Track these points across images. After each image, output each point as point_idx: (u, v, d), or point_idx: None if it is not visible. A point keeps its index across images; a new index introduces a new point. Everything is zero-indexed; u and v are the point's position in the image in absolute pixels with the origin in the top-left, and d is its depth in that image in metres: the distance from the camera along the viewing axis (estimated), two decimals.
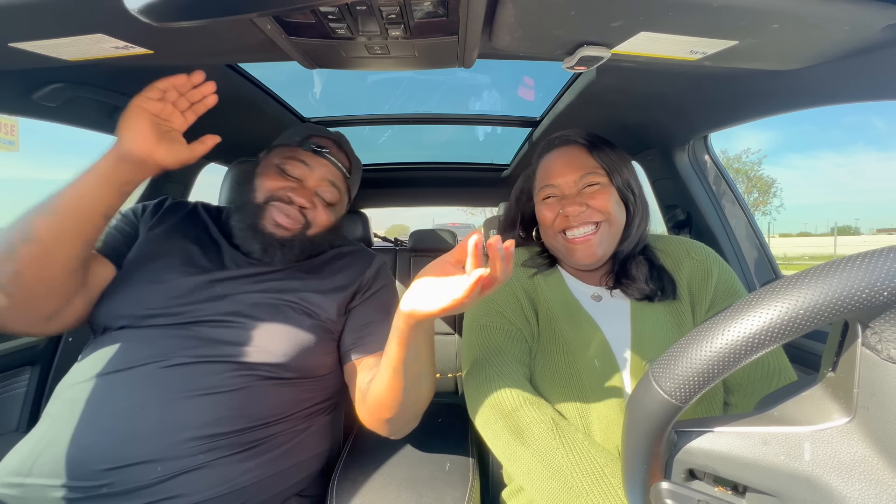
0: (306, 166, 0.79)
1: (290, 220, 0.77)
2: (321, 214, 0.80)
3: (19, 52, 0.60)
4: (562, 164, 0.75)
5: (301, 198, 0.77)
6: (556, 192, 0.74)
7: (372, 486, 0.68)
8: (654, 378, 0.32)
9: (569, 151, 0.75)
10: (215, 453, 0.60)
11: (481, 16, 0.55)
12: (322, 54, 0.66)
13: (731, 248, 1.26)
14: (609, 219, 0.70)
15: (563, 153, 0.76)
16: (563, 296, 0.74)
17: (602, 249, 0.71)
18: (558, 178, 0.74)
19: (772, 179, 29.82)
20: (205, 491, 0.58)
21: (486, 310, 0.73)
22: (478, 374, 0.67)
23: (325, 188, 0.81)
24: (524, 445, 0.58)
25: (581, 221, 0.70)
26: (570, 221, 0.71)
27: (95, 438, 0.57)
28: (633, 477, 0.37)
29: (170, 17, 0.37)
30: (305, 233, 0.79)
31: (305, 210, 0.78)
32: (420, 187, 2.36)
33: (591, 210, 0.70)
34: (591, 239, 0.70)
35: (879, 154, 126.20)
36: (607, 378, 0.64)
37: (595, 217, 0.70)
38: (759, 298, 0.28)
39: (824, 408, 0.31)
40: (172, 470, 0.57)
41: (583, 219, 0.70)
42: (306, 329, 0.72)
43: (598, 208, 0.70)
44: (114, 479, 0.55)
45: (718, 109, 0.99)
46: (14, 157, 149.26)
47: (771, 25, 0.54)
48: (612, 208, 0.71)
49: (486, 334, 0.70)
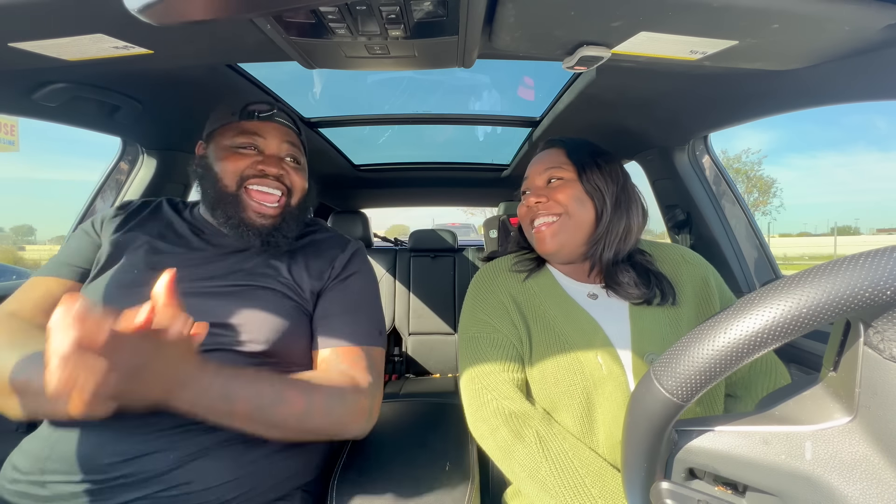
0: (259, 136, 0.76)
1: (273, 195, 0.75)
2: (295, 178, 0.78)
3: (19, 52, 0.60)
4: (537, 163, 0.80)
5: (272, 167, 0.74)
6: (529, 186, 0.79)
7: (372, 485, 0.68)
8: (656, 376, 0.32)
9: (548, 153, 0.80)
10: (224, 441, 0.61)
11: (481, 16, 0.55)
12: (322, 54, 0.66)
13: (731, 248, 1.26)
14: (567, 211, 0.73)
15: (543, 154, 0.81)
16: (558, 295, 0.74)
17: (559, 240, 0.73)
18: (532, 174, 0.79)
19: (772, 179, 29.85)
20: (215, 477, 0.59)
21: (474, 320, 0.75)
22: (468, 388, 0.70)
23: (286, 150, 0.78)
24: (513, 460, 0.62)
25: (542, 210, 0.74)
26: (533, 211, 0.76)
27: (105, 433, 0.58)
28: (633, 476, 0.37)
29: (170, 17, 0.37)
30: (290, 203, 0.78)
31: (282, 177, 0.76)
32: (420, 187, 2.37)
33: (551, 202, 0.74)
34: (547, 229, 0.74)
35: (881, 154, 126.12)
36: (610, 373, 0.64)
37: (554, 209, 0.74)
38: (761, 297, 0.28)
39: (826, 407, 0.31)
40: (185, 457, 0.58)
41: (543, 208, 0.74)
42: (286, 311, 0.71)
43: (558, 200, 0.73)
44: (129, 469, 0.56)
45: (718, 109, 0.99)
46: (14, 157, 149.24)
47: (771, 25, 0.54)
48: (571, 202, 0.73)
49: (474, 346, 0.73)
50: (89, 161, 23.69)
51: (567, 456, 0.61)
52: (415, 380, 2.02)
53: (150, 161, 1.32)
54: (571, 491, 0.57)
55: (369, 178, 2.14)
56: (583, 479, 0.58)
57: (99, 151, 22.55)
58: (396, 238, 2.65)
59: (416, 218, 55.52)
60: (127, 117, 1.02)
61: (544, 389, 0.67)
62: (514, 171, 1.95)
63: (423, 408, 1.01)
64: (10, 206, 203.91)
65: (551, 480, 0.59)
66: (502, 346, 0.71)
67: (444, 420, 0.91)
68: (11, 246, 32.92)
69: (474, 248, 2.26)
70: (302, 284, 0.75)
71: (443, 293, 2.12)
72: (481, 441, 0.67)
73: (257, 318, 0.68)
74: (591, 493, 0.57)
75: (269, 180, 0.74)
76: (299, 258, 0.78)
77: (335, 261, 0.79)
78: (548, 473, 0.59)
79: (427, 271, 2.16)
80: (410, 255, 2.20)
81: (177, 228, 0.78)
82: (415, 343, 2.09)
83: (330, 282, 0.77)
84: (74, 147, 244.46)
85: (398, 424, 0.87)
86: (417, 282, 2.14)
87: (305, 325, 0.74)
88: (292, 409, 0.59)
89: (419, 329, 2.09)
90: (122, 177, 1.33)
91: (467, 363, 0.72)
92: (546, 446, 0.62)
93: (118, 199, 1.32)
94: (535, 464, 0.60)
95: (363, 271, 0.81)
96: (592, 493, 0.57)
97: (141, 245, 0.73)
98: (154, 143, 1.29)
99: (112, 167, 1.32)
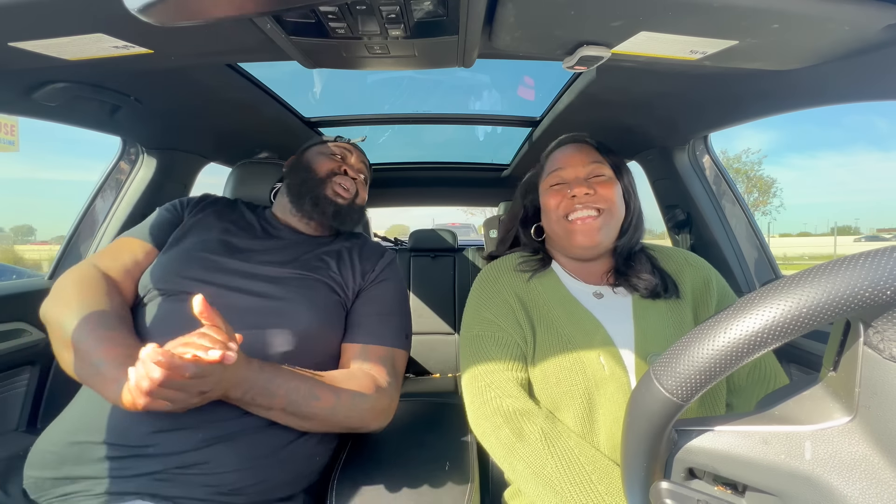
0: (347, 151, 0.97)
1: (348, 190, 0.92)
2: (362, 188, 0.97)
3: (19, 52, 0.60)
4: (572, 153, 0.78)
5: (354, 171, 0.94)
6: (565, 176, 0.76)
7: (372, 485, 0.68)
8: (656, 376, 0.32)
9: (581, 148, 0.79)
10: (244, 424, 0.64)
11: (481, 16, 0.55)
12: (322, 54, 0.66)
13: (731, 248, 1.26)
14: (612, 208, 0.72)
15: (574, 147, 0.79)
16: (562, 295, 0.74)
17: (602, 235, 0.72)
18: (568, 166, 0.76)
19: (772, 179, 29.83)
20: (231, 463, 0.62)
21: (479, 318, 0.75)
22: (471, 386, 0.69)
23: (361, 168, 0.98)
24: (516, 458, 0.61)
25: (586, 203, 0.72)
26: (575, 203, 0.72)
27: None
28: (632, 476, 0.37)
29: (170, 17, 0.37)
30: (355, 200, 0.93)
31: (356, 181, 0.94)
32: (420, 187, 2.36)
33: (597, 195, 0.72)
34: (593, 222, 0.72)
35: (881, 154, 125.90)
36: (612, 374, 0.64)
37: (600, 203, 0.72)
38: (761, 297, 0.28)
39: (825, 407, 0.31)
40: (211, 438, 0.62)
41: (588, 201, 0.72)
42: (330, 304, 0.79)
43: (604, 196, 0.72)
44: (157, 440, 0.60)
45: (718, 109, 0.99)
46: (14, 157, 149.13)
47: (771, 25, 0.54)
48: (616, 199, 0.73)
49: (478, 344, 0.72)
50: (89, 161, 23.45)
51: (573, 453, 0.60)
52: (415, 380, 2.02)
53: (150, 160, 1.32)
54: (578, 488, 0.56)
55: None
56: (589, 476, 0.57)
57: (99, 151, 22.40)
58: (396, 238, 2.65)
59: (416, 218, 55.56)
60: (127, 117, 1.02)
61: (546, 389, 0.67)
62: (514, 171, 1.95)
63: (423, 408, 1.01)
64: (10, 206, 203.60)
65: (557, 477, 0.58)
66: (506, 345, 0.71)
67: (444, 420, 0.91)
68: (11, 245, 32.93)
69: (474, 248, 2.26)
70: (346, 282, 0.84)
71: (443, 293, 2.12)
72: (483, 439, 0.67)
73: (303, 306, 0.75)
74: (598, 490, 0.56)
75: (347, 179, 0.92)
76: (346, 257, 0.88)
77: (376, 265, 0.89)
78: (553, 470, 0.58)
79: (427, 271, 2.16)
80: (410, 254, 2.19)
81: (248, 219, 0.92)
82: (415, 343, 2.07)
83: (369, 283, 0.87)
84: (74, 147, 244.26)
85: (398, 424, 0.87)
86: (417, 282, 2.14)
87: (341, 319, 0.81)
88: (323, 405, 0.66)
89: (419, 329, 2.09)
90: (122, 176, 1.34)
91: (470, 361, 0.71)
92: (551, 443, 0.61)
93: (119, 198, 1.32)
94: (540, 461, 0.59)
95: (397, 279, 0.92)
96: (599, 490, 0.56)
97: (215, 227, 0.85)
98: (154, 142, 1.29)
99: (112, 167, 1.32)
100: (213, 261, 0.77)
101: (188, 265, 0.75)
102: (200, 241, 0.81)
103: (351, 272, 0.85)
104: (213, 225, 0.85)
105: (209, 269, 0.76)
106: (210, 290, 0.70)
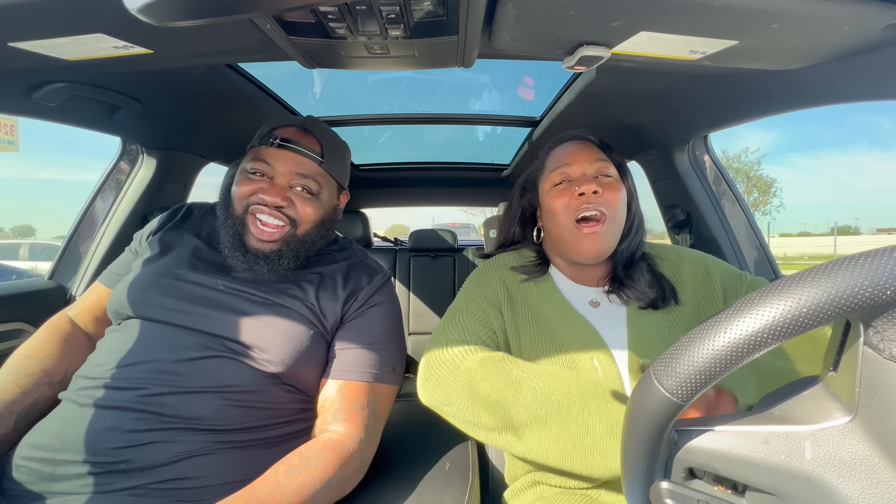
0: (267, 164, 0.74)
1: (272, 226, 0.73)
2: (304, 208, 0.75)
3: (19, 52, 0.60)
4: (577, 150, 0.75)
5: (273, 196, 0.72)
6: (571, 173, 0.73)
7: (372, 485, 0.68)
8: (656, 376, 0.32)
9: (584, 144, 0.77)
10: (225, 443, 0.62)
11: (481, 16, 0.55)
12: (322, 54, 0.66)
13: (731, 248, 1.26)
14: (614, 214, 0.71)
15: (579, 144, 0.77)
16: (556, 299, 0.73)
17: (607, 243, 0.71)
18: (574, 163, 0.73)
19: (772, 179, 29.80)
20: (210, 478, 0.60)
21: (464, 296, 0.77)
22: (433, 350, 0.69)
23: (296, 181, 0.75)
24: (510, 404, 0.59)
25: (594, 202, 0.70)
26: (583, 202, 0.70)
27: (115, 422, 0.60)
28: (632, 476, 0.37)
29: (170, 17, 0.37)
30: (295, 233, 0.75)
31: (283, 209, 0.73)
32: (420, 187, 2.36)
33: (603, 198, 0.70)
34: (599, 231, 0.70)
35: (883, 154, 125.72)
36: (606, 377, 0.64)
37: (604, 206, 0.70)
38: (761, 296, 0.28)
39: (825, 407, 0.31)
40: (186, 451, 0.60)
41: (595, 199, 0.70)
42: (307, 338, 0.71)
43: (609, 199, 0.70)
44: (131, 455, 0.59)
45: (718, 109, 0.99)
46: (14, 157, 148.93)
47: (771, 25, 0.54)
48: (620, 205, 0.72)
49: (453, 314, 0.73)
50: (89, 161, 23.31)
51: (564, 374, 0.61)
52: (415, 380, 2.02)
53: (150, 161, 1.32)
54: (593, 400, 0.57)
55: (369, 177, 2.14)
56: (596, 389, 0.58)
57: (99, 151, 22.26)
58: (396, 238, 2.65)
59: (416, 218, 55.49)
60: (127, 117, 1.01)
61: None
62: (514, 171, 1.95)
63: (423, 408, 1.00)
64: (10, 206, 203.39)
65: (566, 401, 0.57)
66: (482, 322, 0.71)
67: (444, 420, 0.90)
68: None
69: (474, 248, 2.26)
70: (326, 311, 0.74)
71: (443, 293, 2.12)
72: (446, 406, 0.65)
73: (278, 339, 0.68)
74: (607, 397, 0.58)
75: (268, 209, 0.73)
76: (328, 282, 0.77)
77: (359, 292, 0.77)
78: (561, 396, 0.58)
79: (427, 271, 2.16)
80: (410, 254, 2.19)
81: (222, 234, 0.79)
82: (415, 343, 2.08)
83: (353, 312, 0.76)
84: (74, 147, 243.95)
85: (398, 424, 0.87)
86: (417, 282, 2.14)
87: (322, 352, 0.73)
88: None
89: (419, 329, 2.09)
90: (122, 177, 1.33)
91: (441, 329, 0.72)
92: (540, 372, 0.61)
93: (118, 198, 1.32)
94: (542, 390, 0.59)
95: (386, 303, 0.80)
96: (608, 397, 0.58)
97: (184, 245, 0.78)
98: (154, 142, 1.29)
99: (112, 167, 1.32)
100: (175, 287, 0.71)
101: (147, 291, 0.71)
102: (173, 262, 0.75)
103: (332, 300, 0.75)
104: (181, 243, 0.78)
105: (169, 294, 0.70)
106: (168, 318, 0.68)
